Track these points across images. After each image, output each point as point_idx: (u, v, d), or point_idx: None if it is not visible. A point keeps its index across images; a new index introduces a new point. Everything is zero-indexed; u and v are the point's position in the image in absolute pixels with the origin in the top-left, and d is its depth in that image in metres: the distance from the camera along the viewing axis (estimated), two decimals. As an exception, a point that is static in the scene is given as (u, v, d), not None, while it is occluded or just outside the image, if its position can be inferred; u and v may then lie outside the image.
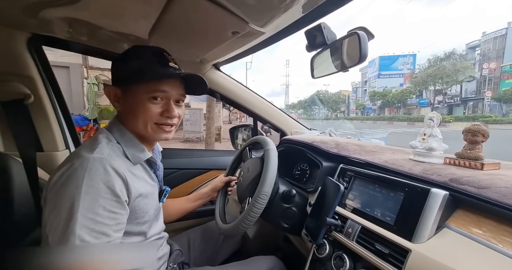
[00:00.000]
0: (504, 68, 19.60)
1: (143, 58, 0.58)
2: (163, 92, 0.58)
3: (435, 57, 25.27)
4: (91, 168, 0.47)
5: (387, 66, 34.60)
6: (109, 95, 0.60)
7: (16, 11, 0.68)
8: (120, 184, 0.50)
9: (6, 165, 0.61)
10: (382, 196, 0.60)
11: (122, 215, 0.51)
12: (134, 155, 0.58)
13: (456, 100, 23.66)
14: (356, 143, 0.89)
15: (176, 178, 1.16)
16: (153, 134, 0.59)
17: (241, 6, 0.62)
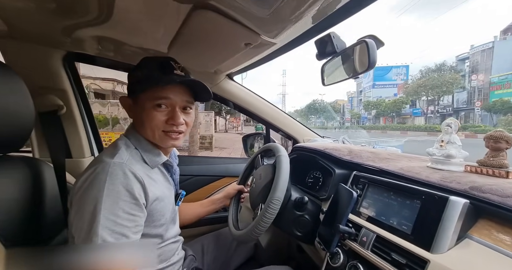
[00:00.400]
0: (492, 79, 20.25)
1: (148, 68, 0.60)
2: (166, 99, 0.59)
3: (426, 69, 26.53)
4: (112, 172, 0.50)
5: (381, 76, 35.47)
6: (124, 105, 0.64)
7: (55, 32, 0.77)
8: (139, 187, 0.53)
9: (40, 170, 0.67)
10: (398, 204, 0.59)
11: (140, 217, 0.53)
12: (151, 159, 0.61)
13: (448, 110, 24.73)
14: (370, 150, 0.87)
15: (191, 184, 1.20)
16: (161, 141, 0.61)
17: (253, 19, 0.65)
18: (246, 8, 0.59)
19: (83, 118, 1.00)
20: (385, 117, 31.18)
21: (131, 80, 0.62)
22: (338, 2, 0.59)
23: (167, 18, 0.69)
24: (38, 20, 0.71)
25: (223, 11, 0.63)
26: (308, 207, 0.75)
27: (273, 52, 0.91)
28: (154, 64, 0.60)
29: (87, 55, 0.95)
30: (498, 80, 19.83)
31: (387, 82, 36.32)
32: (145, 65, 0.61)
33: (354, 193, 0.59)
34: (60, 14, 0.68)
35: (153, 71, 0.59)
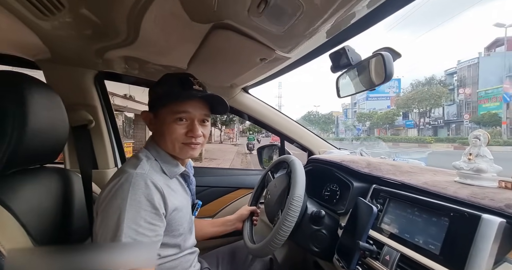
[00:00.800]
0: (480, 93, 21.35)
1: (169, 84, 0.64)
2: (186, 113, 0.62)
3: (416, 82, 27.97)
4: (135, 183, 0.53)
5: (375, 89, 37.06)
6: (145, 119, 0.67)
7: (89, 55, 0.86)
8: (159, 197, 0.55)
9: (70, 180, 0.72)
10: (423, 221, 0.55)
11: (160, 227, 0.55)
12: (170, 169, 0.63)
13: (439, 122, 25.47)
14: (390, 163, 0.84)
15: (206, 195, 1.21)
16: (180, 153, 0.64)
17: (269, 36, 0.68)
18: (262, 26, 0.62)
19: (109, 132, 1.07)
20: (379, 129, 32.07)
21: (153, 96, 0.66)
22: (353, 17, 0.60)
23: (188, 37, 0.74)
24: (76, 45, 0.79)
25: (239, 30, 0.66)
26: (325, 221, 0.73)
27: (287, 66, 0.93)
28: (174, 80, 0.64)
29: (115, 73, 1.04)
30: (485, 94, 20.87)
31: (381, 94, 37.95)
32: (165, 82, 0.65)
33: (374, 207, 0.57)
34: (94, 39, 0.75)
35: (173, 87, 0.63)
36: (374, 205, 0.61)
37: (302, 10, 0.53)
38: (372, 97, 38.04)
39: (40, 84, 0.58)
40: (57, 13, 0.59)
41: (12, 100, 0.49)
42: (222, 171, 1.37)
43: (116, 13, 0.62)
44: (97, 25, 0.67)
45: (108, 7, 0.60)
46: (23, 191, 0.54)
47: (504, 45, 19.80)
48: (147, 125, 0.68)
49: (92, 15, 0.62)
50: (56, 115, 0.62)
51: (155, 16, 0.62)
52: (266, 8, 0.54)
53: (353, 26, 0.64)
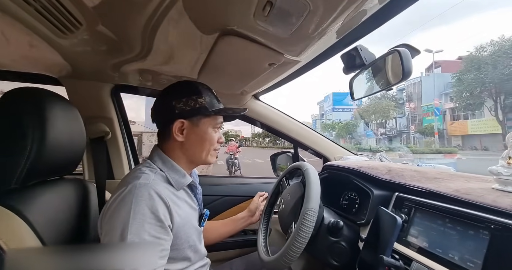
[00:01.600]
0: (423, 108, 25.44)
1: (208, 95, 0.66)
2: (221, 123, 0.70)
3: (374, 96, 29.25)
4: (138, 193, 0.51)
5: (340, 101, 40.73)
6: (175, 127, 0.62)
7: (106, 69, 0.90)
8: (163, 208, 0.53)
9: (87, 191, 0.74)
10: (458, 234, 0.49)
11: (166, 241, 0.53)
12: (177, 180, 0.62)
13: (393, 133, 29.26)
14: (413, 169, 0.77)
15: (219, 204, 1.19)
16: (210, 158, 0.68)
17: (276, 40, 0.67)
18: (268, 30, 0.61)
19: (125, 143, 1.10)
20: (344, 138, 34.51)
21: (193, 105, 0.62)
22: (364, 14, 0.57)
23: (197, 47, 0.75)
24: (94, 60, 0.84)
25: (246, 35, 0.66)
26: (344, 233, 0.67)
27: (297, 70, 0.91)
28: (208, 92, 0.68)
29: (130, 86, 1.08)
30: (427, 108, 24.77)
31: (345, 106, 40.97)
32: (204, 92, 0.66)
33: (398, 218, 0.51)
34: (111, 54, 0.79)
35: (212, 98, 0.67)
36: (397, 215, 0.55)
37: (309, 10, 0.52)
38: (337, 109, 41.86)
39: (59, 99, 0.61)
40: (75, 31, 0.63)
41: (33, 115, 0.52)
42: (235, 179, 1.35)
43: (130, 29, 0.64)
44: (113, 41, 0.70)
45: (123, 24, 0.62)
46: (42, 202, 0.55)
47: (439, 67, 24.57)
48: (174, 134, 0.63)
49: (108, 32, 0.65)
50: (74, 128, 0.64)
51: (167, 30, 0.64)
52: (271, 11, 0.53)
53: (365, 24, 0.61)
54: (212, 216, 1.12)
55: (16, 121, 0.50)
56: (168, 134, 0.64)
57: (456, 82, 19.27)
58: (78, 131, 0.66)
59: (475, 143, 20.31)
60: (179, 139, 0.63)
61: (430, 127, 23.14)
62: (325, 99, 46.78)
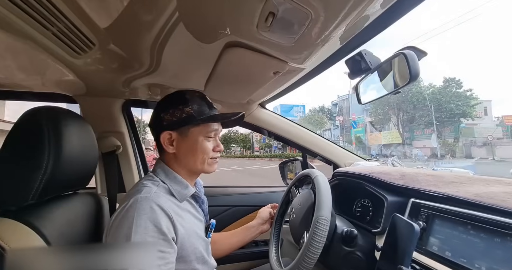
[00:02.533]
0: (351, 121, 29.84)
1: (196, 103, 0.64)
2: (215, 131, 0.66)
3: (313, 109, 36.60)
4: (139, 207, 0.51)
5: (286, 112, 42.98)
6: (164, 139, 0.62)
7: (117, 85, 0.94)
8: (166, 220, 0.52)
9: (100, 204, 0.75)
10: (483, 242, 0.46)
11: (170, 254, 0.52)
12: (179, 192, 0.61)
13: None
14: (428, 173, 0.73)
15: (228, 215, 1.18)
16: (208, 168, 0.66)
17: (280, 49, 0.68)
18: (271, 40, 0.62)
19: (135, 156, 1.13)
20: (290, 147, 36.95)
21: (179, 115, 0.62)
22: (366, 19, 0.57)
23: (203, 59, 0.77)
24: (106, 78, 0.88)
25: (250, 46, 0.67)
26: (359, 242, 0.65)
27: (302, 77, 0.92)
28: (198, 100, 0.66)
29: (140, 100, 1.12)
30: (354, 122, 29.48)
31: (291, 117, 43.41)
32: (192, 100, 0.64)
33: (416, 225, 0.49)
34: (122, 71, 0.83)
35: (201, 106, 0.65)
36: (415, 222, 0.53)
37: (310, 18, 0.52)
38: (284, 120, 46.19)
39: (73, 116, 0.64)
40: (88, 51, 0.67)
41: (50, 132, 0.54)
42: (243, 189, 1.34)
43: (139, 47, 0.67)
44: (123, 59, 0.73)
45: (132, 42, 0.66)
46: (57, 217, 0.56)
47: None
48: (163, 145, 0.63)
49: (119, 50, 0.68)
50: (87, 144, 0.66)
51: (173, 46, 0.66)
52: (274, 21, 0.54)
53: (368, 29, 0.61)
54: (221, 227, 1.10)
55: (34, 138, 0.52)
56: (161, 146, 0.65)
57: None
58: (91, 146, 0.68)
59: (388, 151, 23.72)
60: (170, 151, 0.63)
61: (355, 137, 28.50)
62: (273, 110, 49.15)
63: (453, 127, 17.63)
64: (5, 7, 0.47)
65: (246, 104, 1.20)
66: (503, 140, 18.49)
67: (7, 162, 0.52)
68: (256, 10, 0.51)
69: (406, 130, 4.89)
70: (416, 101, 18.94)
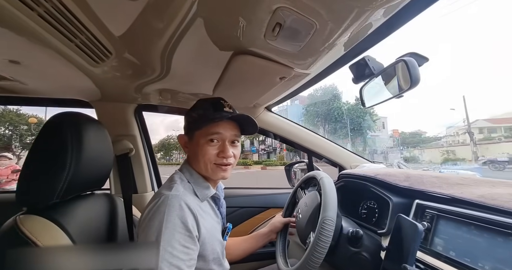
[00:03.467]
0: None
1: (203, 108, 0.68)
2: (218, 134, 0.65)
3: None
4: (170, 204, 0.55)
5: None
6: (180, 142, 0.72)
7: (130, 91, 0.99)
8: (192, 219, 0.56)
9: (114, 204, 0.79)
10: (486, 243, 0.47)
11: (194, 251, 0.55)
12: (202, 192, 0.65)
13: (270, 149, 32.93)
14: (433, 175, 0.75)
15: (237, 216, 1.20)
16: (212, 174, 0.65)
17: (286, 55, 0.70)
18: (278, 48, 0.65)
19: (147, 158, 1.17)
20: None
21: (188, 120, 0.70)
22: (369, 27, 0.60)
23: (212, 66, 0.80)
24: (120, 84, 0.92)
25: (258, 53, 0.70)
26: (364, 243, 0.66)
27: (308, 82, 0.94)
28: (207, 105, 0.69)
29: (151, 105, 1.17)
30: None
31: None
32: (200, 106, 0.70)
33: (419, 225, 0.50)
34: (135, 77, 0.87)
35: (206, 110, 0.67)
36: (419, 223, 0.54)
37: (315, 28, 0.55)
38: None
39: (93, 121, 0.68)
40: (106, 60, 0.71)
41: (72, 136, 0.58)
42: (250, 191, 1.37)
43: (152, 53, 0.71)
44: (136, 66, 0.78)
45: (145, 49, 0.69)
46: (78, 215, 0.61)
47: (297, 100, 29.25)
48: (182, 148, 0.72)
49: (133, 58, 0.73)
50: (104, 147, 0.70)
51: (184, 51, 0.70)
52: (281, 31, 0.57)
53: (371, 36, 0.63)
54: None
55: (59, 141, 0.57)
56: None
57: (305, 112, 26.48)
58: (107, 149, 0.72)
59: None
60: (186, 152, 0.70)
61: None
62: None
63: (362, 138, 21.93)
64: (36, 22, 0.51)
65: (253, 108, 1.23)
66: (393, 148, 25.25)
67: (36, 163, 0.56)
68: (264, 21, 0.55)
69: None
70: (337, 115, 21.98)
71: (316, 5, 0.48)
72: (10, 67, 0.71)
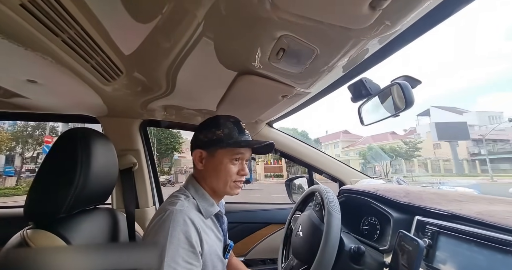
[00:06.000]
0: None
1: (228, 128, 0.71)
2: (241, 154, 0.70)
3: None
4: (174, 219, 0.56)
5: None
6: (196, 157, 0.72)
7: (136, 107, 1.02)
8: (195, 234, 0.57)
9: (117, 219, 0.79)
10: (486, 260, 0.48)
11: (196, 267, 0.55)
12: (206, 209, 0.66)
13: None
14: (432, 192, 0.76)
15: (237, 232, 1.19)
16: (230, 190, 0.69)
17: (288, 76, 0.75)
18: (281, 69, 0.69)
19: (149, 173, 1.18)
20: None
21: (210, 136, 0.70)
22: (366, 52, 0.64)
23: (216, 85, 0.84)
24: (127, 101, 0.96)
25: (262, 74, 0.74)
26: (367, 260, 0.66)
27: (308, 100, 0.99)
28: (231, 125, 0.72)
29: (156, 120, 1.20)
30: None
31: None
32: (224, 125, 0.72)
33: (420, 241, 0.51)
34: (141, 94, 0.90)
35: (232, 131, 0.71)
36: (421, 239, 0.55)
37: (316, 53, 0.60)
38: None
39: (101, 136, 0.70)
40: (117, 79, 0.75)
41: (83, 151, 0.60)
42: (251, 206, 1.36)
43: (158, 71, 0.74)
44: (144, 83, 0.81)
45: (153, 68, 0.73)
46: (82, 230, 0.61)
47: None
48: (195, 162, 0.72)
49: (141, 76, 0.77)
50: (110, 161, 0.72)
51: (189, 70, 0.73)
52: (284, 55, 0.61)
53: (368, 60, 0.68)
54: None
55: (69, 156, 0.58)
56: (194, 162, 0.72)
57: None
58: (113, 164, 0.73)
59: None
60: (199, 167, 0.70)
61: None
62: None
63: (170, 158, 23.43)
64: (58, 46, 0.55)
65: (255, 123, 1.26)
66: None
67: (46, 178, 0.57)
68: (269, 46, 0.59)
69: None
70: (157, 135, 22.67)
71: (317, 34, 0.53)
72: (26, 86, 0.74)
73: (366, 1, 0.40)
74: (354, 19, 0.46)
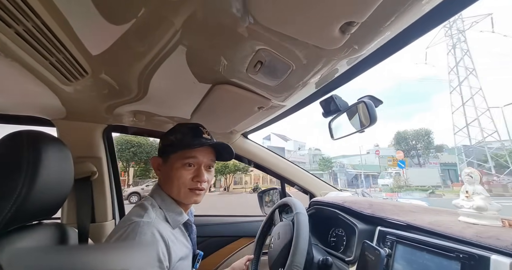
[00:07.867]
0: None
1: (182, 133, 0.69)
2: (194, 158, 0.66)
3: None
4: (141, 232, 0.52)
5: None
6: (153, 164, 0.70)
7: (100, 111, 0.94)
8: (163, 247, 0.53)
9: (65, 236, 0.68)
10: (435, 266, 0.53)
11: None
12: (174, 218, 0.62)
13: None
14: (392, 203, 0.83)
15: (206, 246, 1.13)
16: (185, 198, 0.65)
17: (265, 88, 0.77)
18: (258, 81, 0.71)
19: (110, 183, 1.07)
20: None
21: (165, 143, 0.70)
22: (336, 72, 0.70)
23: (191, 93, 0.82)
24: (90, 103, 0.88)
25: (238, 84, 0.75)
26: None
27: (283, 113, 1.02)
28: (186, 130, 0.70)
29: (122, 126, 1.11)
30: None
31: None
32: (178, 130, 0.70)
33: (382, 251, 0.55)
34: (108, 98, 0.84)
35: (185, 135, 0.68)
36: (382, 249, 0.59)
37: (292, 68, 0.63)
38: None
39: (54, 140, 0.62)
40: (80, 79, 0.68)
41: (30, 158, 0.52)
42: (221, 219, 1.31)
43: (129, 75, 0.70)
44: (111, 86, 0.76)
45: (124, 71, 0.68)
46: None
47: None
48: (154, 170, 0.70)
49: (109, 79, 0.71)
50: (64, 169, 0.63)
51: (163, 76, 0.71)
52: (261, 67, 0.63)
53: (338, 79, 0.73)
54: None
55: (12, 164, 0.51)
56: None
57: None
58: (68, 172, 0.65)
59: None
60: (157, 175, 0.69)
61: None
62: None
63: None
64: (11, 38, 0.49)
65: (230, 133, 1.25)
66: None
67: None
68: (247, 58, 0.60)
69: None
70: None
71: (294, 50, 0.56)
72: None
73: (337, 26, 0.44)
74: (326, 40, 0.49)
